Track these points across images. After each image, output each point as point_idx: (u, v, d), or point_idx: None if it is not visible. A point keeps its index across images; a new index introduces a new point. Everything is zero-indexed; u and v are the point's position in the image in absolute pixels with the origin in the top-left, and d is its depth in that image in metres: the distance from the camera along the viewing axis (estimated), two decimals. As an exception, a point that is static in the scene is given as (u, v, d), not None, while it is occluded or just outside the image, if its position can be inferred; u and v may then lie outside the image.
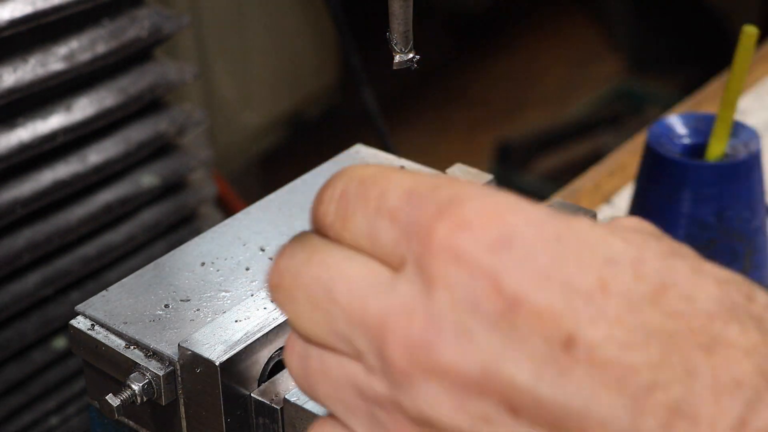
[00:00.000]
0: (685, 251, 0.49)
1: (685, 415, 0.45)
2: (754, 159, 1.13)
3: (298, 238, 0.55)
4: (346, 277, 0.50)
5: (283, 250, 0.54)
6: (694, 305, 0.47)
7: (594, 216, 0.85)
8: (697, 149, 1.15)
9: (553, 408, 0.45)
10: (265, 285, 0.55)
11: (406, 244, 0.49)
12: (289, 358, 0.54)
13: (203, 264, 0.88)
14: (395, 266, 0.49)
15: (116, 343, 0.81)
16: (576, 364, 0.45)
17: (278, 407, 0.76)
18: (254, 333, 0.77)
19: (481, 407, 0.47)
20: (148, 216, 1.28)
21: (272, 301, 0.54)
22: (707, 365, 0.45)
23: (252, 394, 0.77)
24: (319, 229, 0.54)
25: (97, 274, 1.26)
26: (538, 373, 0.45)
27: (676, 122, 1.18)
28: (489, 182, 0.92)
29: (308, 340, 0.53)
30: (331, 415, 0.54)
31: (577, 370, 0.45)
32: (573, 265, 0.46)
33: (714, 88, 1.61)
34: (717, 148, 1.13)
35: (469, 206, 0.47)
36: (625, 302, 0.46)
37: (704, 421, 0.45)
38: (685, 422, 0.45)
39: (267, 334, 0.78)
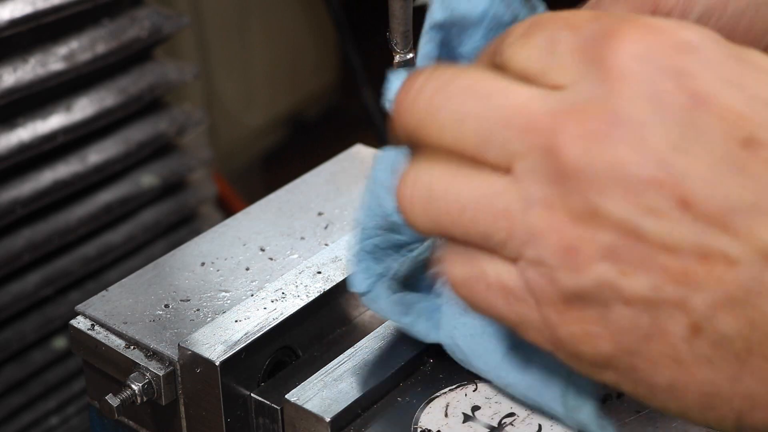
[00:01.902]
0: None
1: None
2: None
3: (430, 68, 0.55)
4: (505, 86, 0.51)
5: (416, 75, 0.54)
6: None
7: None
8: None
9: (724, 201, 0.48)
10: (391, 103, 0.55)
11: (587, 49, 0.50)
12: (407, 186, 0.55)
13: (203, 264, 0.88)
14: (563, 86, 0.51)
15: (116, 343, 0.81)
16: (754, 161, 0.48)
17: (278, 407, 0.76)
18: (254, 333, 0.77)
19: (651, 199, 0.48)
20: (148, 216, 1.28)
21: (400, 123, 0.53)
22: None
23: (252, 394, 0.77)
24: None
25: (97, 274, 1.26)
26: (715, 167, 0.48)
27: None
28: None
29: (449, 152, 0.53)
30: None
31: (755, 167, 0.48)
32: (755, 77, 0.49)
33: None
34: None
35: (654, 20, 0.50)
36: None
37: None
38: None
39: (267, 334, 0.78)
